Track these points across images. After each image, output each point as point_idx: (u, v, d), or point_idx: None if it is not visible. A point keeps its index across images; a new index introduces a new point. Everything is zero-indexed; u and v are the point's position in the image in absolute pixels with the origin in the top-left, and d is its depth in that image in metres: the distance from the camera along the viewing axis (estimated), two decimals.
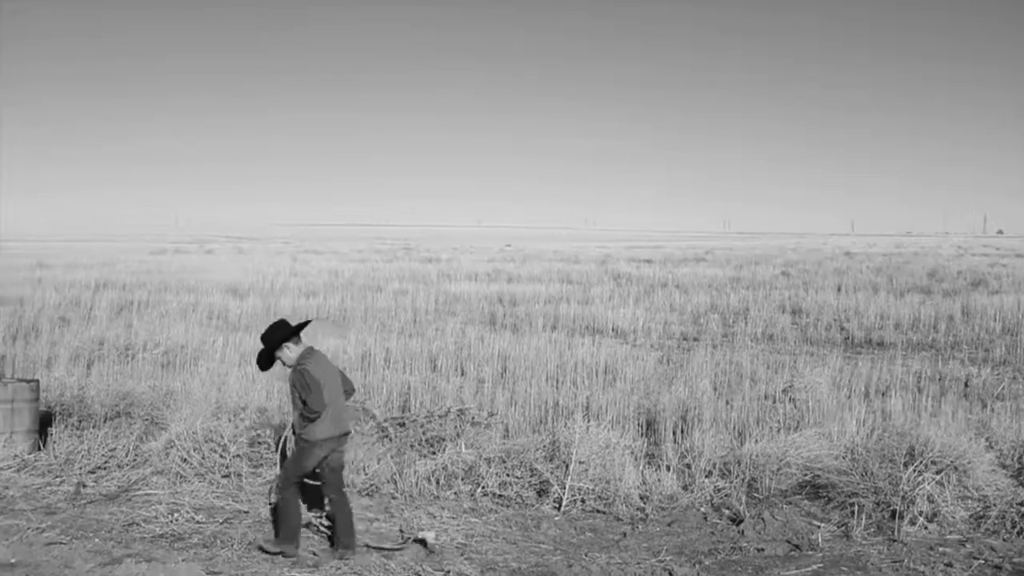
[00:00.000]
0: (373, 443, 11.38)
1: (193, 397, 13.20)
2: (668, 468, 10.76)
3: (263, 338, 8.70)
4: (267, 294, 30.84)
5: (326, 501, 8.97)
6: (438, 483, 10.51)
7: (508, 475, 10.44)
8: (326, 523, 9.11)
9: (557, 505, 10.04)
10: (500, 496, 10.27)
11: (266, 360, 8.74)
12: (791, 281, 37.07)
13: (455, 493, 10.41)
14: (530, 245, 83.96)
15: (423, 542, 8.88)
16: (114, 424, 12.41)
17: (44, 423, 12.26)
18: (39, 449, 11.74)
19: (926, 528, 9.30)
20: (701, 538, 9.29)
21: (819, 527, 9.38)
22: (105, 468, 11.14)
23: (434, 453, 11.10)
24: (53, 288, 30.77)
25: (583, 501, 10.07)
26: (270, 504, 9.14)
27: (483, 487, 10.38)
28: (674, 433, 12.13)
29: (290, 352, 8.62)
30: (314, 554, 8.70)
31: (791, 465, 10.73)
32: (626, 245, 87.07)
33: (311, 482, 8.82)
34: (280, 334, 8.62)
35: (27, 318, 22.87)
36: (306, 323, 9.03)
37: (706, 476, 10.62)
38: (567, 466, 10.29)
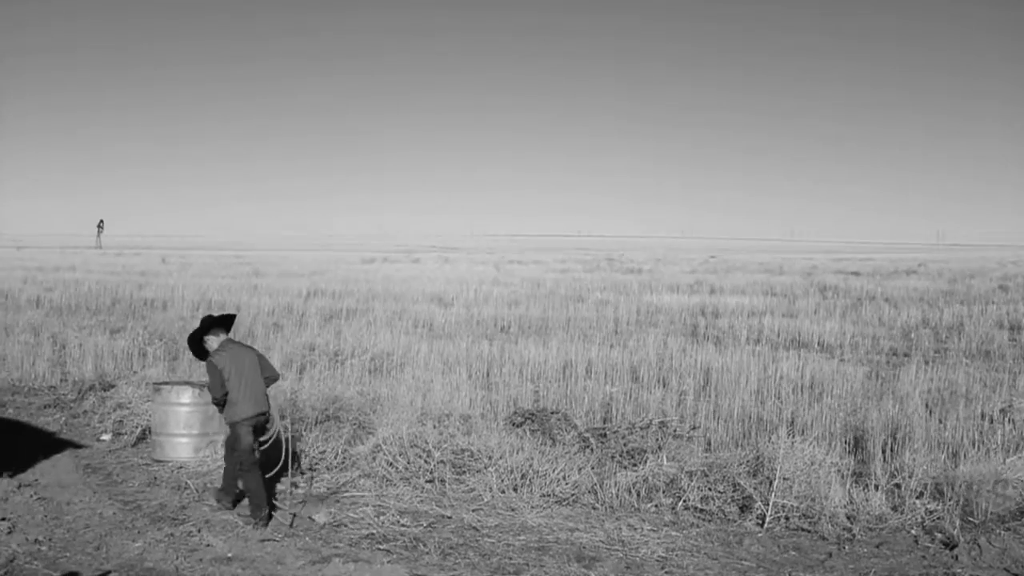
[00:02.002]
0: (574, 453, 11.41)
1: (399, 403, 13.52)
2: (876, 487, 10.39)
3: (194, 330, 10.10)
4: (471, 303, 31.33)
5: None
6: (639, 495, 10.46)
7: (710, 489, 10.30)
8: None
9: (760, 521, 9.85)
10: (701, 510, 10.14)
11: (197, 349, 10.07)
12: (1010, 296, 35.30)
13: (656, 506, 10.35)
14: (733, 256, 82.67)
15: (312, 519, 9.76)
16: (324, 427, 12.82)
17: None
18: None
19: None
20: (911, 562, 8.95)
21: None
22: (315, 469, 11.54)
23: (635, 465, 11.06)
24: (267, 295, 32.05)
25: (787, 518, 9.84)
26: (240, 489, 10.11)
27: (684, 501, 10.27)
28: (883, 451, 11.72)
29: (210, 343, 9.98)
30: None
31: (1010, 488, 10.22)
32: (833, 257, 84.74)
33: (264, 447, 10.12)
34: (204, 324, 10.00)
35: (243, 324, 23.86)
36: (228, 316, 10.24)
37: (917, 497, 10.20)
38: (771, 482, 10.09)
